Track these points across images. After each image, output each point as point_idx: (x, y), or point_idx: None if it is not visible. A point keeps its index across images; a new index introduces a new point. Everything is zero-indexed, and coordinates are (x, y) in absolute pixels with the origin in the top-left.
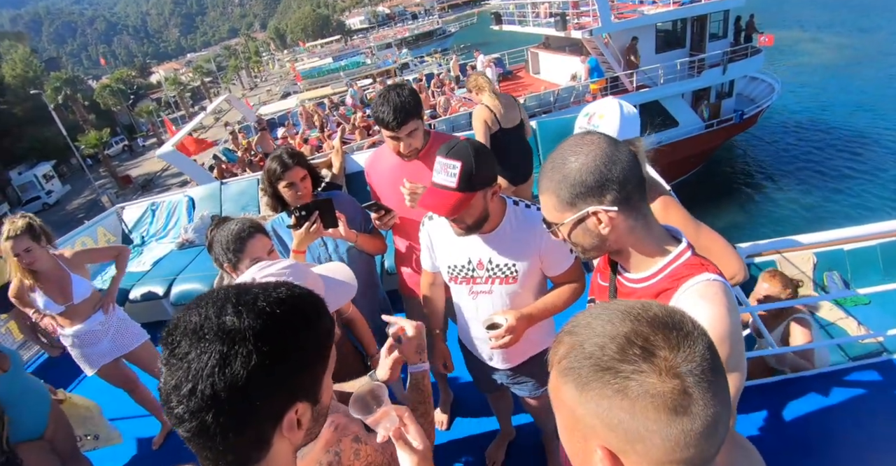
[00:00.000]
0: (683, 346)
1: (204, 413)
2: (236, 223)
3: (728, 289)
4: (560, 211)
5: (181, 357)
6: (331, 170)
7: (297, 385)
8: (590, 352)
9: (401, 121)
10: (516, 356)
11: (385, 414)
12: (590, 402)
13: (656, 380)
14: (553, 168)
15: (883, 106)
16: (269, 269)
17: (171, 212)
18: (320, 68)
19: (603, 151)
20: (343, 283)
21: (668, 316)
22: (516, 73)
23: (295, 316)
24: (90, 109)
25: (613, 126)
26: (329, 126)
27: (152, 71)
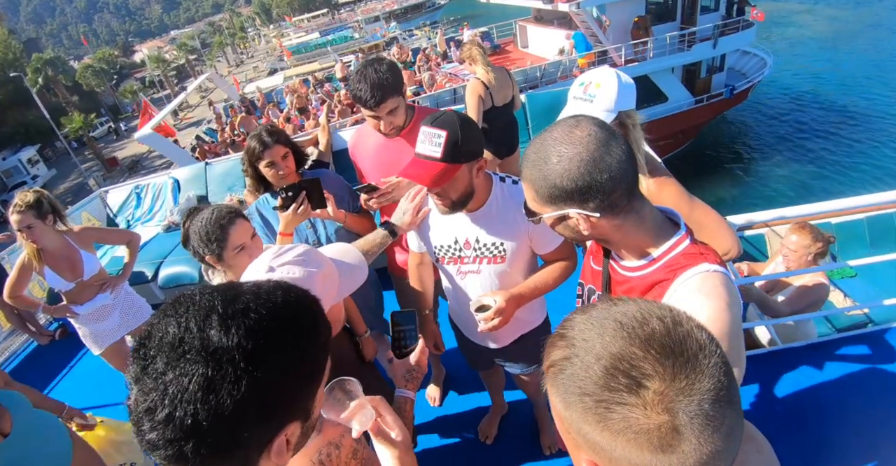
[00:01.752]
0: (681, 376)
1: (182, 443)
2: (211, 211)
3: (728, 281)
4: (540, 203)
5: (156, 376)
6: (317, 148)
7: (288, 409)
8: (575, 371)
9: (379, 99)
10: (507, 336)
11: (360, 408)
12: (573, 421)
13: (640, 416)
14: (535, 161)
15: (875, 80)
16: (285, 257)
17: (156, 194)
18: (307, 44)
19: (590, 154)
20: (354, 267)
21: (667, 334)
22: (504, 47)
23: (292, 329)
24: (73, 91)
25: (610, 96)
26: (313, 104)
27: (135, 49)
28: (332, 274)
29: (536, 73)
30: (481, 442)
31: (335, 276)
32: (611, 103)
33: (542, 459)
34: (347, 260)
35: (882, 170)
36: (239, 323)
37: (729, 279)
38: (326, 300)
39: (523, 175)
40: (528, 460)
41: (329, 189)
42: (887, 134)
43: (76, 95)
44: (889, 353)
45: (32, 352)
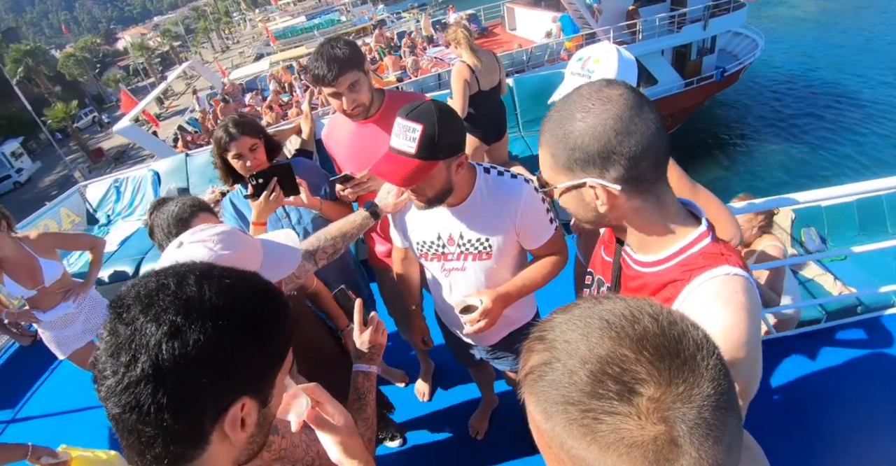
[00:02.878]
0: (677, 380)
1: (141, 387)
2: (176, 204)
3: (750, 287)
4: (556, 171)
5: (128, 322)
6: (300, 136)
7: (249, 375)
8: (556, 377)
9: (337, 72)
10: (494, 335)
11: (293, 398)
12: (555, 433)
13: (634, 426)
14: (557, 120)
15: (866, 60)
16: (200, 234)
17: (136, 188)
18: (294, 28)
19: (620, 115)
20: (286, 256)
21: (661, 333)
22: (492, 29)
23: (261, 301)
24: (55, 81)
25: (609, 72)
26: (297, 91)
27: (118, 37)
28: (250, 258)
29: (523, 56)
30: (472, 437)
31: (255, 260)
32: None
33: (533, 453)
34: (280, 248)
35: (872, 149)
36: (212, 283)
37: (751, 284)
38: None
39: (540, 139)
40: (520, 454)
41: (303, 176)
42: (878, 115)
43: (59, 85)
44: (884, 339)
45: (15, 353)
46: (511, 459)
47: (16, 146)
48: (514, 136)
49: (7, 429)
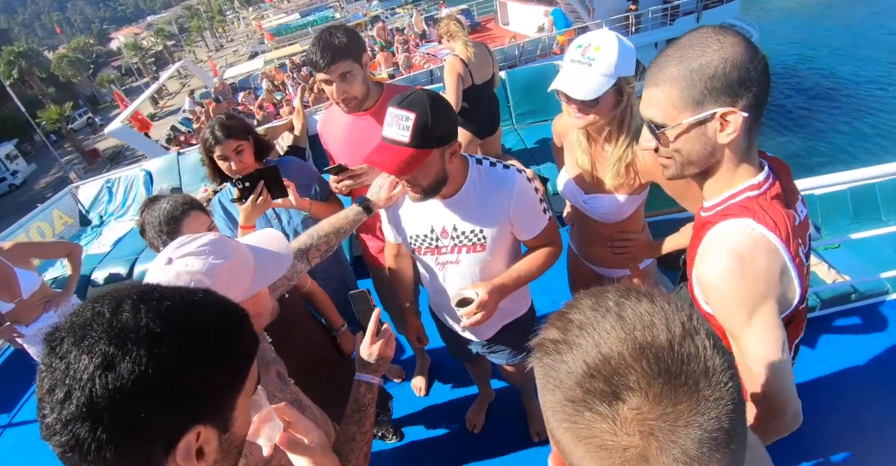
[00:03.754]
0: (667, 400)
1: (78, 425)
2: (167, 201)
3: (764, 244)
4: (679, 109)
5: (62, 356)
6: (293, 133)
7: (199, 402)
8: (560, 358)
9: (329, 60)
10: (490, 328)
11: (264, 421)
12: (549, 406)
13: (608, 430)
14: (682, 57)
15: (861, 52)
16: (187, 247)
17: (128, 187)
18: (288, 25)
19: (748, 44)
20: (277, 256)
21: (668, 347)
22: (485, 24)
23: (206, 322)
24: (48, 82)
25: (610, 60)
26: (290, 89)
27: (111, 37)
28: (242, 266)
29: (515, 51)
30: (469, 431)
31: (248, 268)
32: (611, 67)
33: (530, 446)
34: (269, 248)
35: (864, 139)
36: (150, 307)
37: (767, 242)
38: (235, 293)
39: (655, 79)
40: (517, 447)
41: (292, 176)
42: (870, 105)
43: (52, 87)
44: (878, 326)
45: (11, 356)
46: (508, 452)
47: (10, 148)
48: (508, 129)
49: (4, 433)
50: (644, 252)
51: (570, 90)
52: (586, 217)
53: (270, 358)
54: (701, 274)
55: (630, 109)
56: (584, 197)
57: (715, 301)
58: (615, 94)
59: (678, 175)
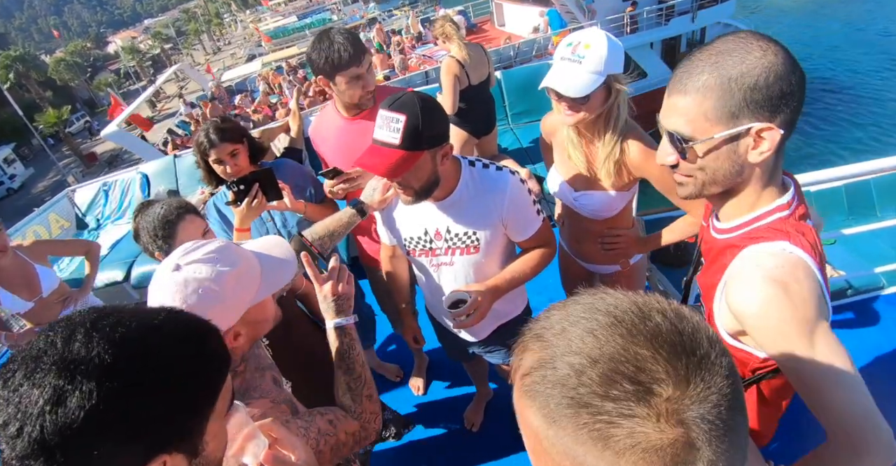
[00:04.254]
0: (696, 379)
1: (31, 461)
2: (161, 206)
3: (803, 267)
4: (712, 121)
5: (13, 388)
6: (289, 135)
7: (160, 433)
8: (562, 377)
9: (361, 54)
10: (485, 328)
11: (249, 439)
12: (559, 440)
13: (652, 430)
14: (718, 63)
15: (855, 50)
16: (194, 254)
17: (124, 190)
18: (285, 28)
19: (789, 54)
20: (282, 262)
21: (675, 330)
22: (481, 25)
23: (165, 351)
24: (46, 86)
25: (600, 58)
26: (286, 92)
27: (109, 40)
28: (248, 274)
29: (510, 52)
30: (467, 430)
31: (254, 275)
32: (600, 65)
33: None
34: (274, 255)
35: (859, 136)
36: (103, 336)
37: (805, 265)
38: (242, 300)
39: (686, 87)
40: (515, 446)
41: (286, 179)
42: (864, 102)
43: (50, 90)
44: (873, 320)
45: None
46: (506, 450)
47: (8, 152)
48: (504, 129)
49: None
50: (634, 248)
51: (560, 87)
52: (576, 214)
53: (266, 363)
54: (739, 305)
55: (617, 106)
56: (574, 194)
57: (764, 333)
58: (604, 91)
59: (696, 195)
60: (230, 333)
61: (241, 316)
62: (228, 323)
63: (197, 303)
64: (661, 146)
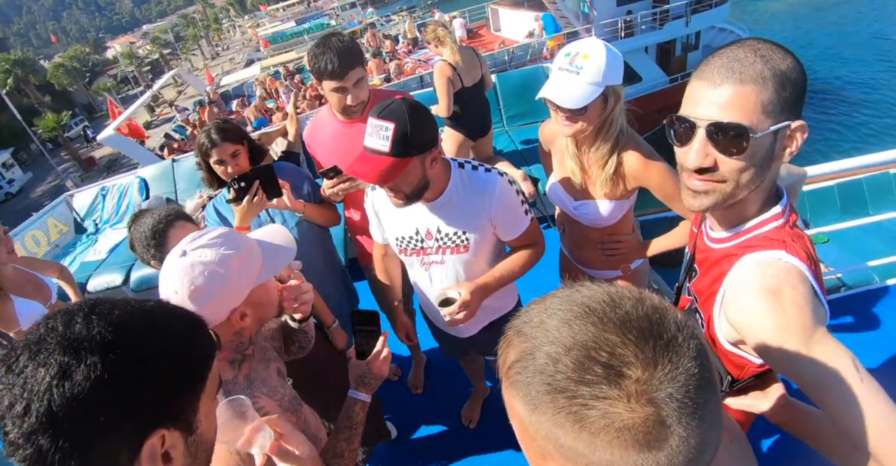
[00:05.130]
0: (663, 361)
1: (40, 436)
2: (151, 216)
3: (800, 276)
4: (768, 113)
5: (18, 371)
6: (286, 138)
7: (158, 406)
8: (540, 366)
9: (346, 66)
10: (477, 325)
11: (256, 431)
12: (542, 425)
13: (623, 409)
14: (766, 57)
15: (850, 53)
16: (200, 240)
17: (122, 194)
18: (283, 33)
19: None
20: (280, 247)
21: (644, 316)
22: (477, 30)
23: (159, 329)
24: (45, 91)
25: (598, 69)
26: (282, 97)
27: (107, 46)
28: (251, 257)
29: (504, 56)
30: (465, 427)
31: (256, 258)
32: (598, 76)
33: None
34: (275, 241)
35: (853, 137)
36: (101, 317)
37: (802, 275)
38: (246, 281)
39: (741, 74)
40: (512, 442)
41: (285, 178)
42: (856, 103)
43: (48, 95)
44: (865, 315)
45: None
46: (503, 446)
47: (6, 157)
48: (499, 132)
49: None
50: (635, 253)
51: (557, 99)
52: (576, 222)
53: (271, 355)
54: (737, 318)
55: (613, 116)
56: (574, 203)
57: (763, 344)
58: (602, 102)
59: (720, 204)
60: (237, 313)
61: (246, 297)
62: (234, 303)
63: (204, 284)
64: (694, 149)
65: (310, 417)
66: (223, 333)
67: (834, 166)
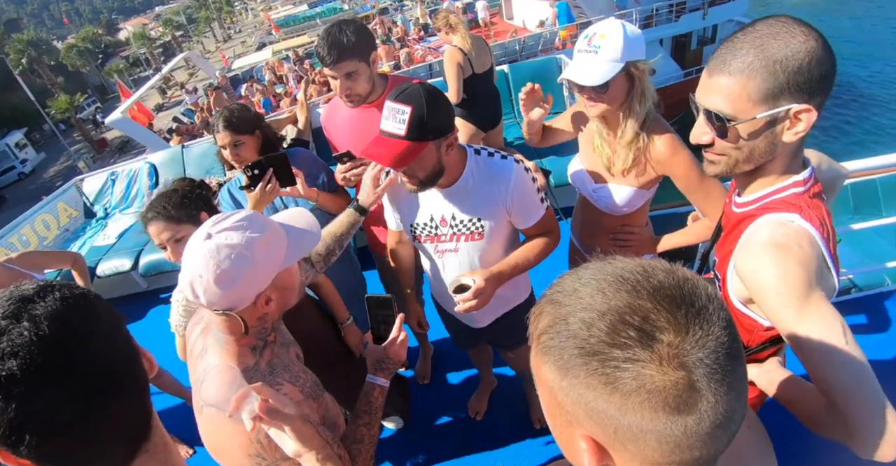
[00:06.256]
0: (694, 327)
1: None
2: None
3: (809, 239)
4: (754, 102)
5: None
6: (296, 126)
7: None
8: (574, 330)
9: (336, 58)
10: (490, 315)
11: (243, 398)
12: (573, 390)
13: (655, 372)
14: (763, 46)
15: (868, 46)
16: (225, 223)
17: (131, 180)
18: (296, 16)
19: (826, 42)
20: (304, 232)
21: (676, 285)
22: (490, 18)
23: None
24: (58, 72)
25: (616, 45)
26: (291, 82)
27: (120, 27)
28: (276, 240)
29: (515, 46)
30: (471, 418)
31: (282, 241)
32: (617, 52)
33: (532, 433)
34: (298, 225)
35: (871, 133)
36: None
37: (812, 238)
38: (273, 264)
39: (731, 65)
40: (519, 434)
41: (300, 166)
42: (879, 99)
43: (61, 76)
44: (877, 318)
45: None
46: (510, 438)
47: (20, 137)
48: (510, 123)
49: None
50: (646, 247)
51: (577, 78)
52: (591, 208)
53: (289, 339)
54: (744, 267)
55: (641, 94)
56: (594, 186)
57: (762, 294)
58: (626, 80)
59: (725, 173)
60: (262, 297)
61: (271, 281)
62: (261, 287)
63: (231, 268)
64: (696, 126)
65: (330, 404)
66: (248, 318)
67: (849, 166)
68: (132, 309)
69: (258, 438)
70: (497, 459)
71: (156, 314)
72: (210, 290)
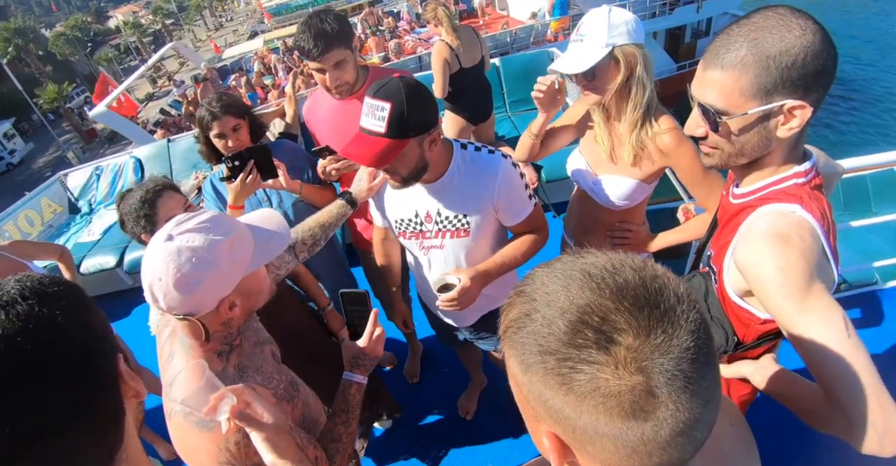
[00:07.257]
0: (657, 330)
1: None
2: (139, 189)
3: (809, 229)
4: (747, 97)
5: None
6: (284, 119)
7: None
8: (535, 327)
9: (323, 48)
10: (475, 313)
11: (219, 400)
12: (533, 386)
13: (611, 376)
14: (758, 39)
15: (865, 41)
16: (187, 224)
17: (116, 174)
18: (288, 4)
19: (826, 33)
20: (273, 233)
21: (642, 284)
22: (483, 8)
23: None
24: (46, 60)
25: (600, 30)
26: (280, 73)
27: (109, 15)
28: (242, 243)
29: (506, 38)
30: (461, 418)
31: (248, 244)
32: (601, 38)
33: (522, 432)
34: (266, 226)
35: (864, 131)
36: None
37: (812, 229)
38: (237, 269)
39: (724, 59)
40: (509, 434)
41: (285, 158)
42: (873, 96)
43: (50, 65)
44: (867, 314)
45: None
46: (500, 437)
47: (7, 127)
48: (502, 117)
49: None
50: (642, 245)
51: (561, 67)
52: (589, 202)
53: (264, 337)
54: (744, 258)
55: (639, 79)
56: (594, 178)
57: (763, 285)
58: (614, 64)
59: (721, 165)
60: (226, 302)
61: (236, 286)
62: (224, 292)
63: (191, 272)
64: (691, 117)
65: (311, 401)
66: (211, 324)
67: (843, 164)
68: (117, 306)
69: (227, 446)
70: (487, 458)
71: (141, 311)
72: (170, 294)
